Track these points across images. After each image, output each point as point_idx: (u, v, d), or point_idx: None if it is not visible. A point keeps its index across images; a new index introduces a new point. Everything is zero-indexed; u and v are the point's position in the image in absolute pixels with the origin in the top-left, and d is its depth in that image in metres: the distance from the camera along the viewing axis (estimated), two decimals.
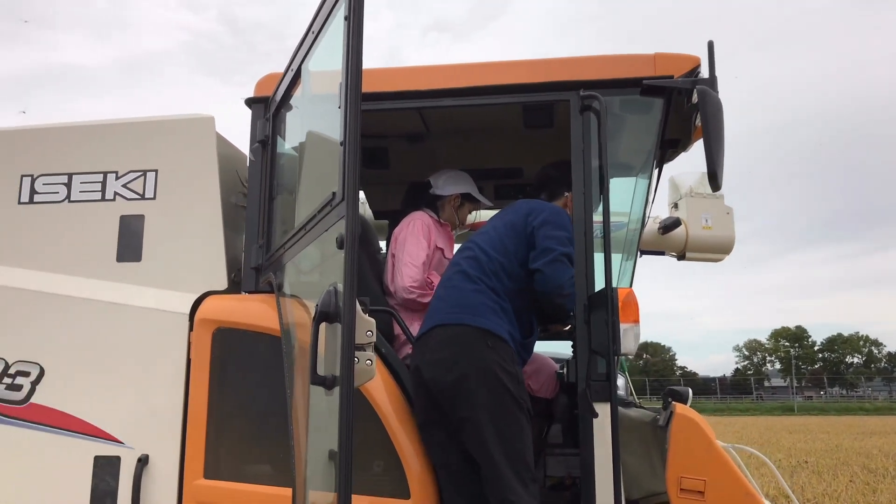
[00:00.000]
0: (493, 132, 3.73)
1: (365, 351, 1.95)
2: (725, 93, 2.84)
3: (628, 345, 2.65)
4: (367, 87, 2.10)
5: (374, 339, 1.98)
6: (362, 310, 1.97)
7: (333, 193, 2.12)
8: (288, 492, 2.59)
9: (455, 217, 3.63)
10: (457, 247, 3.78)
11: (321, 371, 1.98)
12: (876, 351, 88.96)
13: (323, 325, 2.00)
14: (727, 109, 2.76)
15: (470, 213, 3.76)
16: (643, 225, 3.72)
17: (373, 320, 1.99)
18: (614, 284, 2.68)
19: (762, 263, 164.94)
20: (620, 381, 3.93)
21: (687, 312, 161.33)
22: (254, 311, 2.90)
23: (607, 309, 2.62)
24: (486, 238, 3.00)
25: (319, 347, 1.99)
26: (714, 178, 2.64)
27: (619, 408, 2.76)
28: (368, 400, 2.72)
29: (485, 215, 4.66)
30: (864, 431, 22.60)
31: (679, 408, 2.85)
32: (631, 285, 4.07)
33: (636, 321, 2.67)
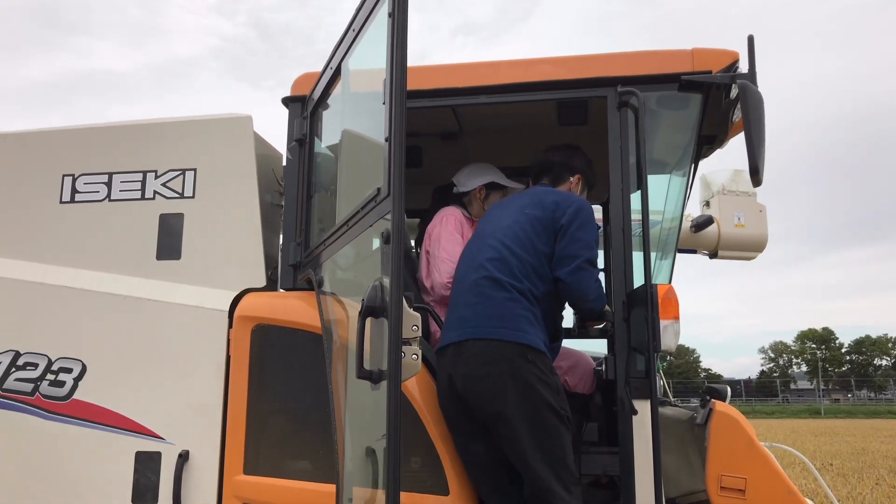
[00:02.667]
0: (526, 130, 3.71)
1: (411, 345, 1.95)
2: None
3: (668, 341, 2.64)
4: None
5: (419, 333, 1.98)
6: (407, 304, 1.98)
7: (378, 189, 2.13)
8: (326, 487, 2.61)
9: (483, 210, 3.52)
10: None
11: (367, 366, 1.99)
12: None
13: (369, 320, 2.00)
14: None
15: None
16: (681, 223, 3.68)
17: (418, 315, 1.99)
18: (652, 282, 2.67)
19: (788, 265, 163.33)
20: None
21: (711, 314, 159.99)
22: (293, 307, 2.92)
23: (647, 305, 2.61)
24: (512, 235, 2.84)
25: (365, 342, 2.00)
26: (756, 173, 2.60)
27: None
28: (406, 396, 2.73)
29: None
30: (891, 434, 22.29)
31: (719, 405, 2.82)
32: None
33: (676, 317, 2.65)
